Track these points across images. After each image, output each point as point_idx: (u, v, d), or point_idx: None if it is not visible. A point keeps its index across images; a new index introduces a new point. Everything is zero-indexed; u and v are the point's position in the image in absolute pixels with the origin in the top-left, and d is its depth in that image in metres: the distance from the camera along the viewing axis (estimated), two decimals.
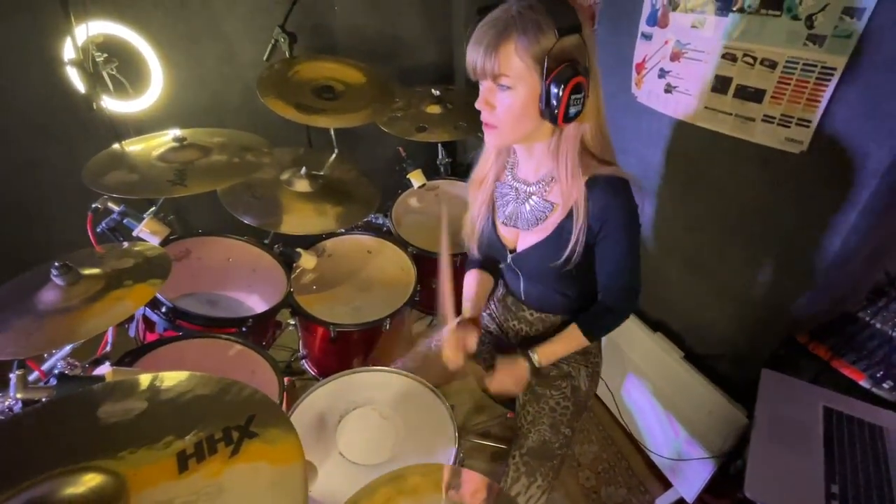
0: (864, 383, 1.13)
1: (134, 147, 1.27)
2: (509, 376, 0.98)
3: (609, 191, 0.85)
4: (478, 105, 0.82)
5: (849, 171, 1.00)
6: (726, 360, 1.39)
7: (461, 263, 1.55)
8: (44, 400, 0.62)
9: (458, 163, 2.17)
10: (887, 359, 1.13)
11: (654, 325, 1.57)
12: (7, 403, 0.67)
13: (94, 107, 1.20)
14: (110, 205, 1.02)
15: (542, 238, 0.93)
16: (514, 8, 0.75)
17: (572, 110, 0.76)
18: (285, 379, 1.26)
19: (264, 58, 1.70)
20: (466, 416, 1.78)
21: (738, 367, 1.36)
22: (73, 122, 1.78)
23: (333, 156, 1.69)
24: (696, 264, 1.43)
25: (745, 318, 1.33)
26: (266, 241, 1.48)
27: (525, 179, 0.95)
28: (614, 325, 1.01)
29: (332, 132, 1.72)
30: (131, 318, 1.02)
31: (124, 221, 1.01)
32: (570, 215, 0.88)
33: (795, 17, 0.98)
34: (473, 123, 1.73)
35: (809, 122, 1.02)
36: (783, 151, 1.08)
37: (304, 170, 1.44)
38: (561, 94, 0.74)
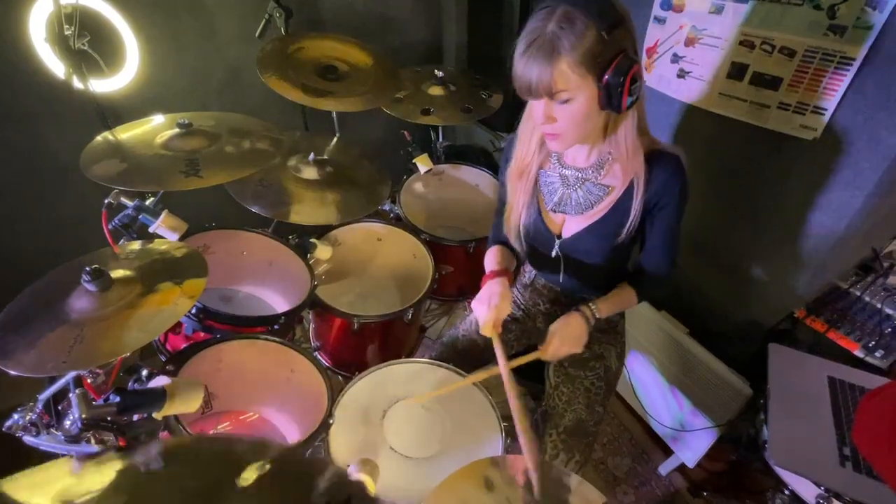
0: (858, 353, 1.23)
1: (126, 134, 1.17)
2: (567, 338, 0.96)
3: (669, 167, 0.88)
4: (540, 119, 0.82)
5: (860, 157, 1.06)
6: (729, 335, 1.48)
7: (475, 250, 1.56)
8: (109, 419, 0.58)
9: (451, 146, 2.14)
10: (878, 329, 1.24)
11: (659, 304, 1.63)
12: (66, 425, 0.62)
13: (81, 87, 1.08)
14: (123, 199, 0.94)
15: (595, 220, 0.95)
16: (554, 22, 0.73)
17: (632, 98, 0.77)
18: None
19: (256, 34, 1.60)
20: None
21: (740, 341, 1.45)
22: (44, 104, 1.62)
23: (335, 140, 1.63)
24: (704, 246, 1.49)
25: (748, 296, 1.41)
26: (268, 230, 1.42)
27: (574, 165, 0.96)
28: (658, 292, 1.06)
29: (334, 115, 1.65)
30: None
31: (140, 217, 0.94)
32: (626, 194, 0.90)
33: (818, 7, 1.01)
34: (479, 108, 1.70)
35: (825, 109, 1.06)
36: (796, 138, 1.13)
37: (312, 156, 1.38)
38: (622, 88, 0.75)
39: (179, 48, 1.84)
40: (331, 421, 0.82)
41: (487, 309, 0.94)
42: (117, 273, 0.75)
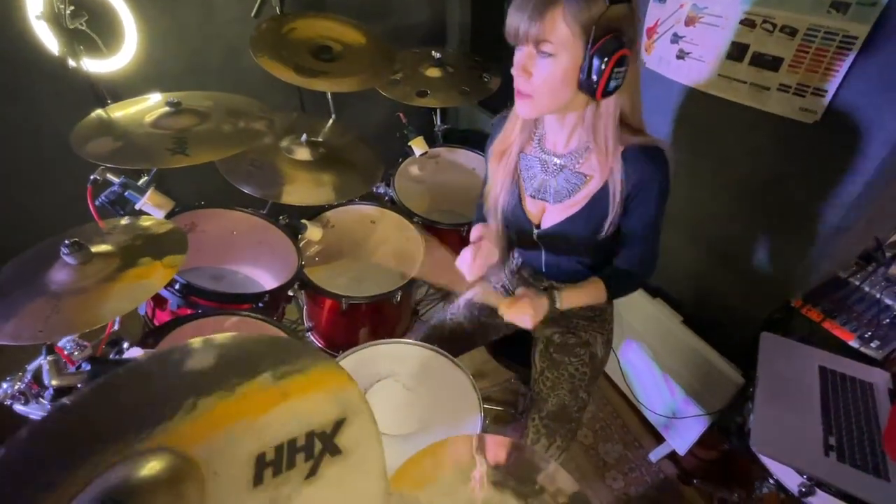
0: (853, 343, 1.20)
1: (119, 112, 1.18)
2: (529, 307, 0.93)
3: (647, 161, 0.85)
4: (514, 71, 0.79)
5: (860, 141, 1.02)
6: (724, 324, 1.46)
7: (468, 233, 1.55)
8: (79, 387, 0.59)
9: (452, 130, 2.12)
10: (875, 320, 1.21)
11: (654, 291, 1.61)
12: (33, 391, 0.64)
13: (74, 65, 1.09)
14: (110, 176, 0.95)
15: (574, 212, 0.93)
16: None
17: (612, 83, 0.74)
18: None
19: (252, 14, 1.58)
20: (480, 372, 1.82)
21: (734, 330, 1.43)
22: (42, 84, 1.63)
23: (331, 121, 1.62)
24: (700, 233, 1.46)
25: (744, 285, 1.39)
26: (263, 212, 1.43)
27: (554, 151, 0.93)
28: (632, 290, 1.03)
29: (329, 96, 1.64)
30: None
31: (126, 194, 0.95)
32: (604, 187, 0.88)
33: None
34: (477, 89, 1.68)
35: (825, 91, 1.03)
36: (796, 121, 1.10)
37: (304, 137, 1.38)
38: (604, 66, 0.72)
39: (178, 28, 1.84)
40: None
41: (471, 255, 0.93)
42: (98, 248, 0.76)
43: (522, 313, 0.93)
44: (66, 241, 0.71)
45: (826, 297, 1.28)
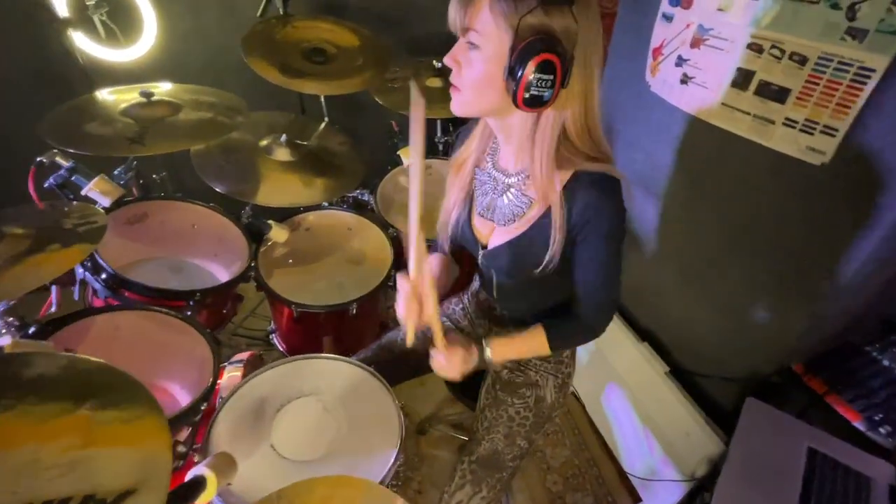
0: (858, 425, 1.02)
1: (110, 98, 1.21)
2: (455, 357, 0.86)
3: (593, 191, 0.74)
4: (445, 60, 0.73)
5: (875, 190, 0.87)
6: (713, 381, 1.30)
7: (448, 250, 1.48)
8: None
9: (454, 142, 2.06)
10: (889, 401, 1.03)
11: (642, 333, 1.47)
12: None
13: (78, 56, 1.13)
14: (58, 159, 0.96)
15: (516, 236, 0.84)
16: None
17: (534, 91, 0.65)
18: (249, 353, 1.22)
19: (258, 13, 1.61)
20: (439, 405, 1.73)
21: (724, 390, 1.27)
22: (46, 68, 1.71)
23: (323, 124, 1.61)
24: (694, 275, 1.32)
25: (738, 339, 1.23)
26: (245, 211, 1.42)
27: (505, 169, 0.85)
28: (582, 342, 0.93)
29: (323, 99, 1.63)
30: (74, 281, 0.97)
31: (73, 179, 0.95)
32: (546, 215, 0.79)
33: (835, 6, 0.84)
34: None
35: (836, 130, 0.89)
36: (802, 162, 0.96)
37: (283, 137, 1.36)
38: (523, 70, 0.64)
39: (198, 23, 1.89)
40: (203, 406, 0.79)
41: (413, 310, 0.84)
42: (12, 229, 0.76)
43: (446, 367, 0.87)
44: None
45: (833, 366, 1.11)
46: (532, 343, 0.90)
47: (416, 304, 0.83)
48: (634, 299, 0.98)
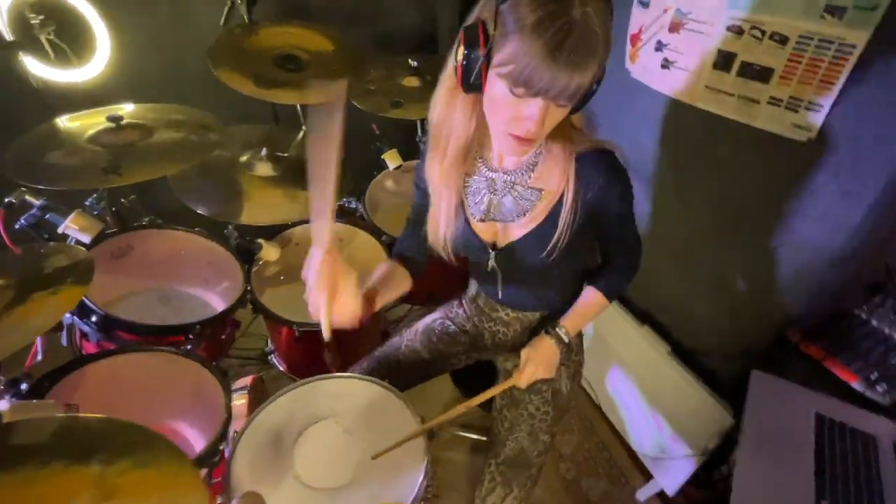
0: (856, 385, 1.07)
1: (72, 125, 1.13)
2: (541, 364, 0.90)
3: (600, 168, 0.78)
4: (528, 123, 0.66)
5: (860, 162, 0.90)
6: (714, 357, 1.34)
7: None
8: None
9: None
10: (883, 360, 1.08)
11: (642, 316, 1.50)
12: None
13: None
14: (28, 198, 0.89)
15: (532, 228, 0.84)
16: (587, 12, 0.58)
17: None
18: (251, 377, 1.18)
19: (220, 22, 1.53)
20: (446, 406, 1.72)
21: (726, 364, 1.31)
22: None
23: (301, 134, 1.56)
24: (689, 256, 1.34)
25: (736, 314, 1.27)
26: (229, 231, 1.36)
27: (503, 168, 0.84)
28: (628, 283, 0.96)
29: (299, 108, 1.57)
30: (60, 326, 0.91)
31: (47, 217, 0.89)
32: (560, 199, 0.79)
33: None
34: None
35: (820, 106, 0.91)
36: (788, 139, 0.98)
37: (264, 151, 1.31)
38: (594, 94, 0.66)
39: (152, 36, 1.79)
40: (222, 447, 0.75)
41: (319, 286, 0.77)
42: None
43: (536, 376, 0.91)
44: None
45: (828, 332, 1.15)
46: (594, 305, 0.95)
47: (331, 282, 0.76)
48: (632, 283, 1.00)
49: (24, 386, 0.72)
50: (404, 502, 0.78)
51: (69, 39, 1.55)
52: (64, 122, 1.16)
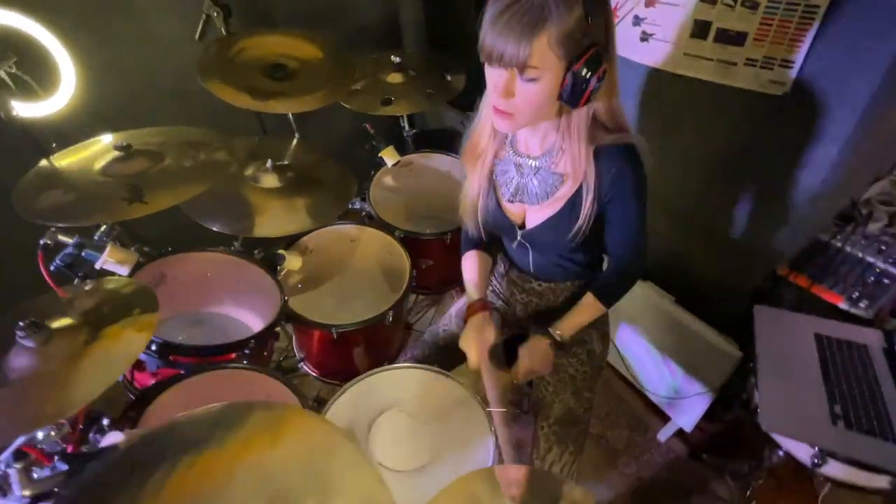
0: (842, 305, 1.22)
1: (66, 161, 1.10)
2: (535, 360, 0.97)
3: (619, 161, 0.84)
4: (496, 92, 0.75)
5: (832, 109, 1.02)
6: (715, 299, 1.47)
7: (452, 240, 1.51)
8: (56, 490, 0.53)
9: (421, 133, 2.07)
10: (861, 280, 1.23)
11: (644, 275, 1.61)
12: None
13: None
14: (61, 237, 0.87)
15: (556, 211, 0.91)
16: None
17: (594, 96, 0.73)
18: None
19: (196, 37, 1.50)
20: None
21: (726, 304, 1.44)
22: None
23: (295, 141, 1.55)
24: (681, 212, 1.46)
25: (730, 258, 1.40)
26: (237, 248, 1.36)
27: (528, 153, 0.91)
28: (628, 289, 1.02)
29: (291, 115, 1.56)
30: None
31: (83, 254, 0.87)
32: (580, 187, 0.86)
33: None
34: (442, 90, 1.63)
35: (793, 62, 1.02)
36: (766, 94, 1.09)
37: (269, 163, 1.31)
38: (587, 82, 0.70)
39: (117, 57, 1.73)
40: None
41: (476, 345, 0.95)
42: (58, 322, 0.70)
43: (532, 372, 0.97)
44: (21, 323, 0.64)
45: (811, 262, 1.29)
46: (588, 309, 1.00)
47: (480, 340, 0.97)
48: None
49: (105, 421, 0.72)
50: (487, 463, 0.85)
51: (32, 71, 1.47)
52: (58, 158, 1.12)
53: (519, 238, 1.00)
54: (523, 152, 0.92)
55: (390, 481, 0.85)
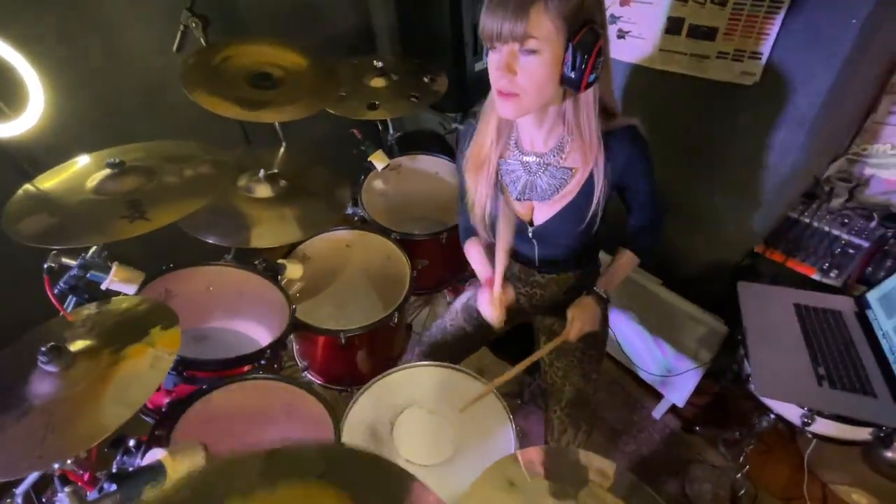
0: (815, 276, 1.32)
1: (50, 183, 1.06)
2: (586, 318, 1.02)
3: (627, 143, 0.89)
4: (498, 71, 0.77)
5: (798, 95, 1.11)
6: (700, 280, 1.55)
7: (447, 239, 1.54)
8: None
9: (404, 135, 2.08)
10: (829, 252, 1.33)
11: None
12: None
13: None
14: (65, 260, 0.85)
15: (566, 204, 0.95)
16: None
17: (593, 75, 0.75)
18: None
19: (174, 48, 1.46)
20: (489, 372, 1.82)
21: (710, 283, 1.52)
22: None
23: (282, 150, 1.54)
24: (665, 200, 1.53)
25: (712, 241, 1.48)
26: (226, 258, 1.35)
27: (534, 151, 0.94)
28: (660, 234, 1.11)
29: (277, 124, 1.55)
30: None
31: (88, 276, 0.85)
32: (591, 177, 0.90)
33: None
34: (427, 94, 1.65)
35: (761, 54, 1.10)
36: (738, 85, 1.17)
37: (262, 172, 1.30)
38: (587, 59, 0.72)
39: (85, 73, 1.67)
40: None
41: (498, 303, 0.99)
42: (77, 345, 0.68)
43: (584, 330, 1.02)
44: (43, 348, 0.62)
45: (783, 238, 1.39)
46: (628, 265, 1.09)
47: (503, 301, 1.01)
48: (618, 234, 1.19)
49: (131, 442, 0.71)
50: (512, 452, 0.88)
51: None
52: (41, 181, 1.08)
53: (529, 234, 1.04)
54: (529, 150, 0.95)
55: (421, 476, 0.87)
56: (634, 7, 1.27)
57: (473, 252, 1.15)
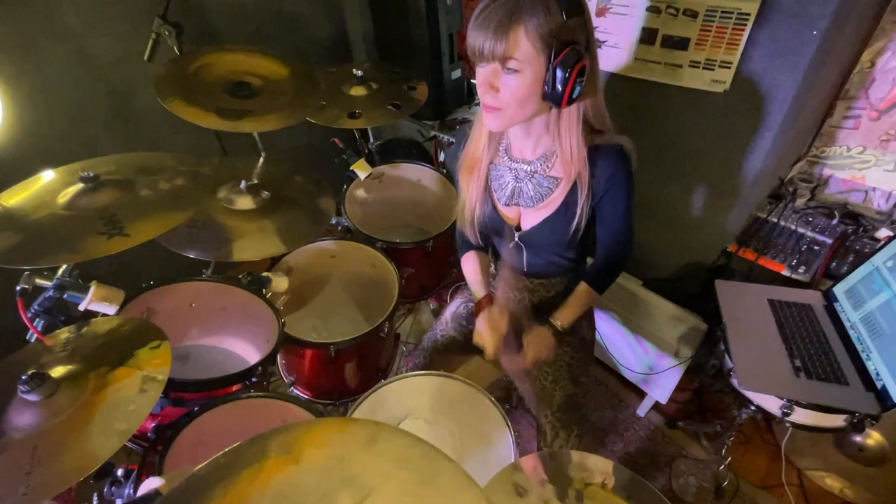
0: (785, 272, 1.39)
1: (14, 200, 1.00)
2: (540, 348, 1.03)
3: (611, 160, 0.90)
4: (483, 87, 0.81)
5: (765, 101, 1.17)
6: (678, 279, 1.61)
7: (433, 248, 1.54)
8: None
9: (384, 144, 2.08)
10: (796, 248, 1.41)
11: None
12: None
13: None
14: (38, 281, 0.79)
15: (550, 213, 0.96)
16: None
17: (575, 92, 0.78)
18: None
19: (145, 57, 1.41)
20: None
21: (688, 283, 1.58)
22: None
23: (261, 160, 1.51)
24: (643, 205, 1.55)
25: (688, 242, 1.54)
26: (206, 273, 1.31)
27: (523, 158, 0.96)
28: (617, 276, 1.11)
29: (257, 134, 1.52)
30: None
31: (65, 296, 0.80)
32: (574, 188, 0.92)
33: None
34: (408, 103, 1.65)
35: (731, 63, 1.16)
36: (709, 92, 1.23)
37: (243, 184, 1.27)
38: (567, 78, 0.75)
39: (47, 81, 1.59)
40: None
41: (491, 337, 1.00)
42: (58, 371, 0.64)
43: (539, 358, 1.03)
44: (23, 376, 0.58)
45: (754, 237, 1.46)
46: (585, 298, 1.07)
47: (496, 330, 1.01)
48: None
49: (119, 472, 0.67)
50: (514, 460, 0.88)
51: None
52: (4, 198, 1.02)
53: (516, 240, 1.05)
54: (518, 157, 0.97)
55: None
56: (610, 18, 1.32)
57: (469, 265, 1.16)
